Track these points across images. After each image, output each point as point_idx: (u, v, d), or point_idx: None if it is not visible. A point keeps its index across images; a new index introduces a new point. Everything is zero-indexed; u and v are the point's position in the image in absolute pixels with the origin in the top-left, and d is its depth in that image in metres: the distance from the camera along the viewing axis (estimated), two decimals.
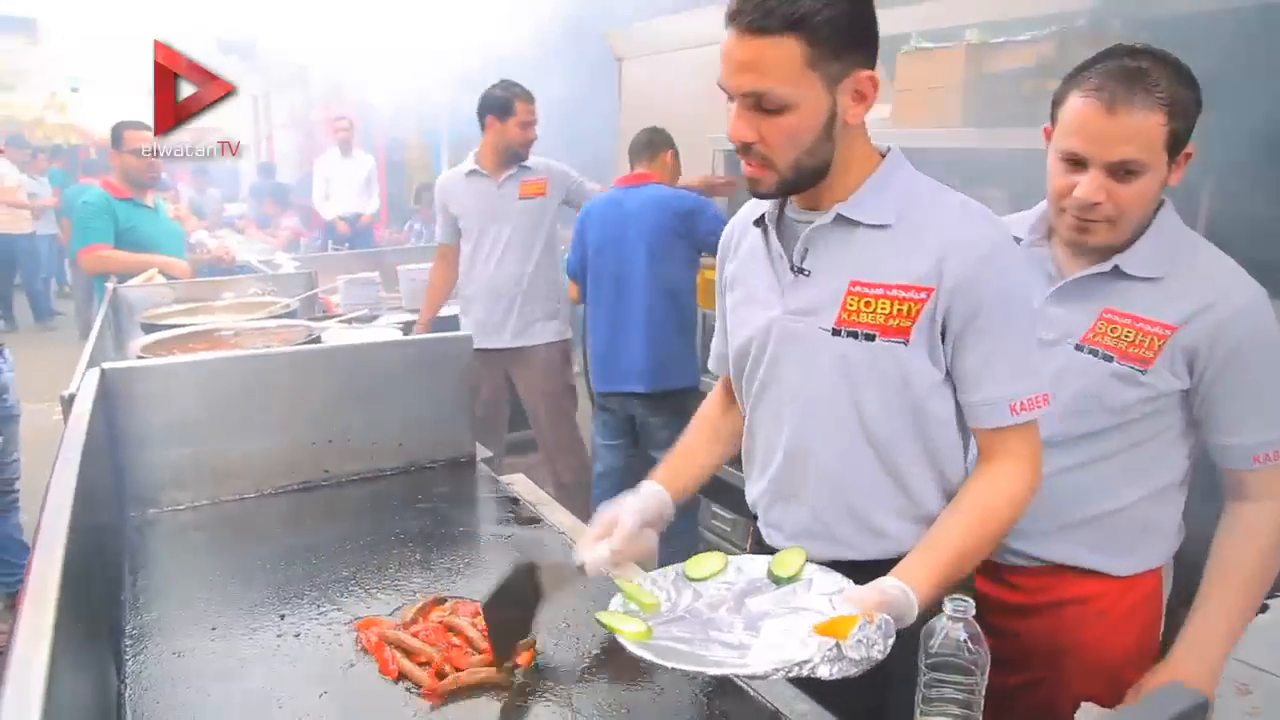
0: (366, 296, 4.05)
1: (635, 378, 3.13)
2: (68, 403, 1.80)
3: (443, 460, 1.99)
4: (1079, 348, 1.38)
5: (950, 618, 0.94)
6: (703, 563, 1.20)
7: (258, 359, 1.89)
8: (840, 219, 1.19)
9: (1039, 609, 1.45)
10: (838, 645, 0.93)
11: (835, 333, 1.19)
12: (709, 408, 1.53)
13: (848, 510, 1.25)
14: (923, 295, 1.14)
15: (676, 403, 3.23)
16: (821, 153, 1.15)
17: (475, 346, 3.36)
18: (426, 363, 1.97)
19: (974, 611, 0.95)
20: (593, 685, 1.19)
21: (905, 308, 1.15)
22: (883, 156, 1.24)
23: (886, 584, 1.05)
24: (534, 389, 3.52)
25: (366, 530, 1.67)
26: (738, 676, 0.98)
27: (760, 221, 1.29)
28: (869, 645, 0.93)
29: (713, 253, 3.21)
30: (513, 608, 1.19)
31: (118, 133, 3.73)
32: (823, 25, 1.08)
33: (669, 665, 1.00)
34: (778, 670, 0.95)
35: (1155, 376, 1.33)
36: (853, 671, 0.93)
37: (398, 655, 1.20)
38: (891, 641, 0.96)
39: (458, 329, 3.52)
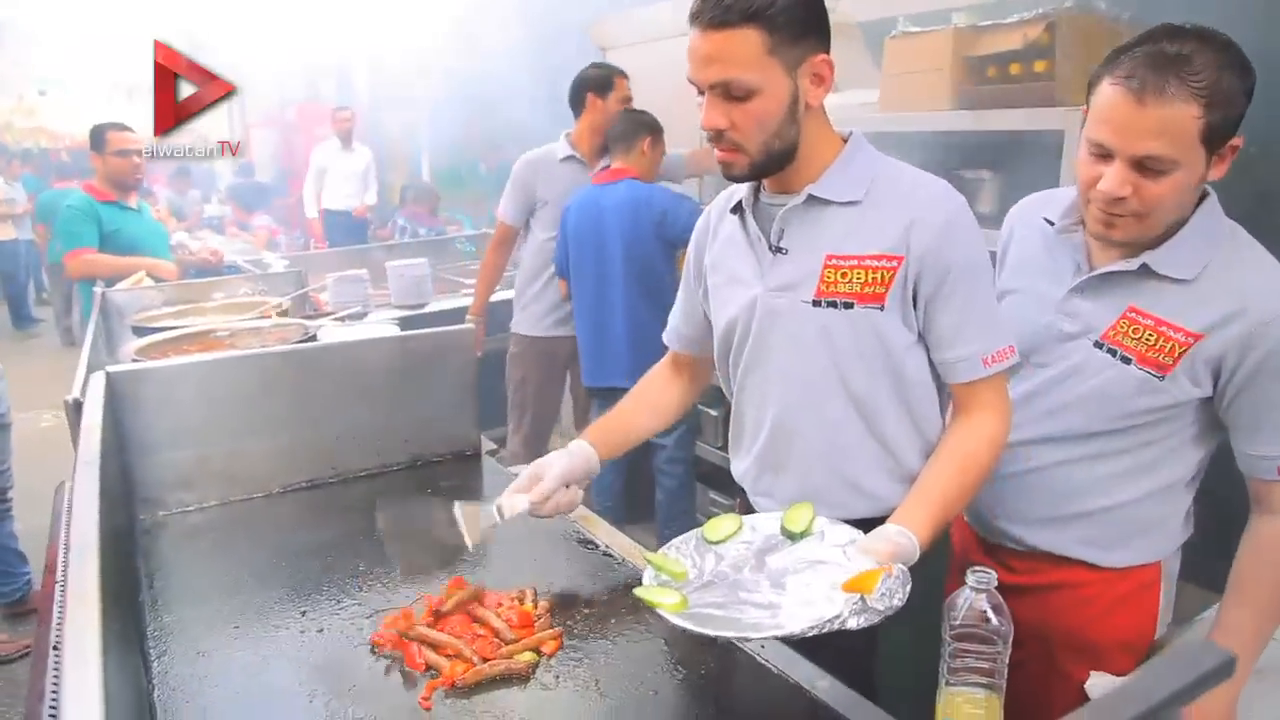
0: (356, 294, 4.04)
1: (622, 374, 3.14)
2: (72, 408, 1.80)
3: (449, 453, 2.00)
4: (1098, 344, 1.35)
5: (973, 589, 0.97)
6: (719, 525, 1.25)
7: (262, 358, 1.88)
8: (812, 199, 1.29)
9: (1028, 590, 1.46)
10: (863, 599, 0.99)
11: (815, 304, 1.27)
12: (651, 380, 1.63)
13: (837, 475, 1.33)
14: (894, 264, 1.24)
15: None
16: (788, 135, 1.24)
17: (541, 334, 3.40)
18: (430, 357, 1.97)
19: (996, 583, 0.97)
20: (618, 668, 1.20)
21: (879, 275, 1.24)
22: (844, 141, 1.33)
23: (892, 532, 1.12)
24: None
25: (378, 525, 1.67)
26: (776, 639, 1.03)
27: (738, 208, 1.38)
28: (890, 595, 0.99)
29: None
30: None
31: (98, 135, 3.69)
32: (778, 15, 1.17)
33: (711, 634, 1.04)
34: (812, 628, 0.99)
35: (1172, 384, 1.30)
36: (877, 620, 0.99)
37: (424, 649, 1.21)
38: (909, 588, 1.01)
39: (509, 314, 3.56)
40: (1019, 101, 2.31)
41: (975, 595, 0.97)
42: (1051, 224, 1.43)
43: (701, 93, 1.23)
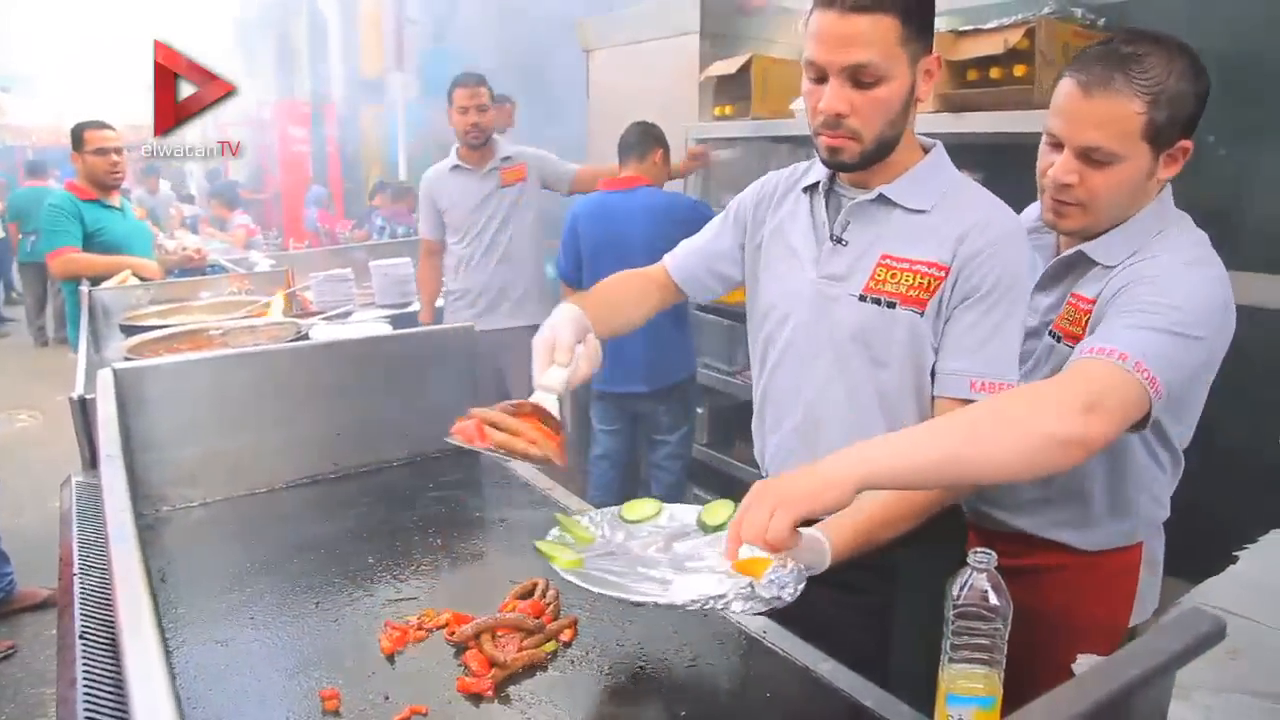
0: (340, 293, 4.04)
1: (637, 379, 3.19)
2: (78, 404, 1.82)
3: (448, 449, 2.02)
4: (1052, 334, 1.43)
5: (974, 568, 1.01)
6: (638, 507, 1.28)
7: (265, 356, 1.90)
8: (882, 198, 1.32)
9: (1015, 573, 1.49)
10: (751, 584, 1.00)
11: (861, 299, 1.31)
12: (632, 284, 1.56)
13: None
14: (941, 273, 1.27)
15: (676, 392, 3.31)
16: (899, 125, 1.28)
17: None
18: (428, 354, 2.00)
19: (995, 563, 1.02)
20: (629, 652, 1.24)
21: (926, 282, 1.28)
22: (925, 151, 1.36)
23: (806, 532, 1.09)
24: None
25: (382, 519, 1.70)
26: (657, 605, 1.02)
27: (812, 189, 1.41)
28: (780, 586, 0.99)
29: None
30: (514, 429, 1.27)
31: (77, 134, 3.67)
32: (912, 5, 1.21)
33: (595, 590, 1.05)
34: (694, 602, 1.00)
35: None
36: (762, 609, 1.00)
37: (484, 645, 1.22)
38: (803, 586, 1.01)
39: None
40: (1000, 104, 2.37)
41: (976, 575, 1.01)
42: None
43: (820, 78, 1.25)
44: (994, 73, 2.40)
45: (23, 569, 3.57)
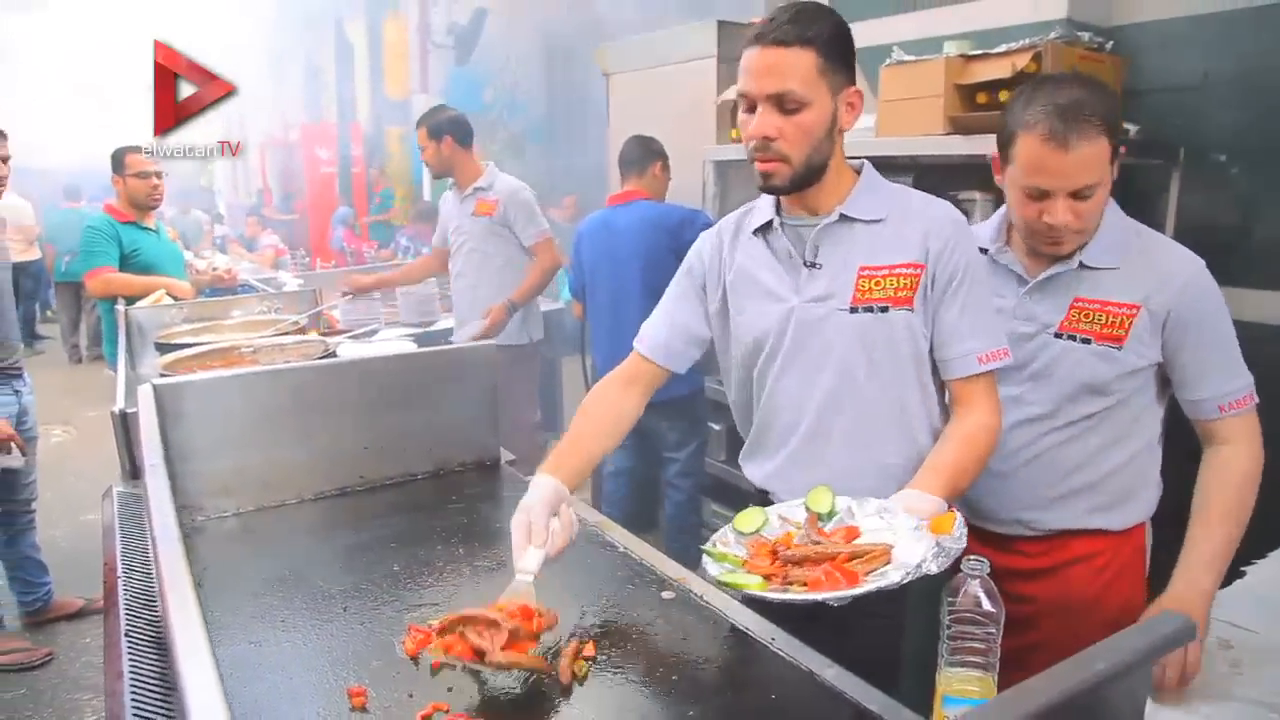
0: (368, 312, 4.15)
1: None
2: (119, 418, 1.90)
3: (470, 463, 2.10)
4: (1058, 335, 1.56)
5: (969, 575, 1.07)
6: (749, 519, 1.34)
7: (295, 373, 1.98)
8: (843, 218, 1.45)
9: (1048, 572, 1.63)
10: (939, 542, 1.11)
11: (853, 310, 1.43)
12: (603, 400, 1.60)
13: (871, 462, 1.47)
14: (917, 270, 1.43)
15: (682, 407, 3.36)
16: (824, 150, 1.42)
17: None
18: (453, 371, 2.07)
19: (989, 569, 1.07)
20: (641, 656, 1.29)
21: (907, 281, 1.41)
22: (857, 172, 1.51)
23: (916, 494, 1.28)
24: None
25: (407, 530, 1.77)
26: (878, 589, 1.08)
27: (764, 229, 1.53)
28: (961, 538, 1.12)
29: None
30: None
31: (119, 157, 3.80)
32: (829, 42, 1.37)
33: (819, 598, 1.09)
34: (906, 575, 1.08)
35: (1128, 352, 1.52)
36: (947, 564, 1.10)
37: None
38: (966, 531, 1.15)
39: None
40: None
41: (970, 581, 1.07)
42: (985, 252, 1.63)
43: (751, 109, 1.40)
44: (1003, 95, 2.45)
45: (59, 579, 3.68)
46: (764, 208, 1.54)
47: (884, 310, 1.42)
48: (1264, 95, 2.23)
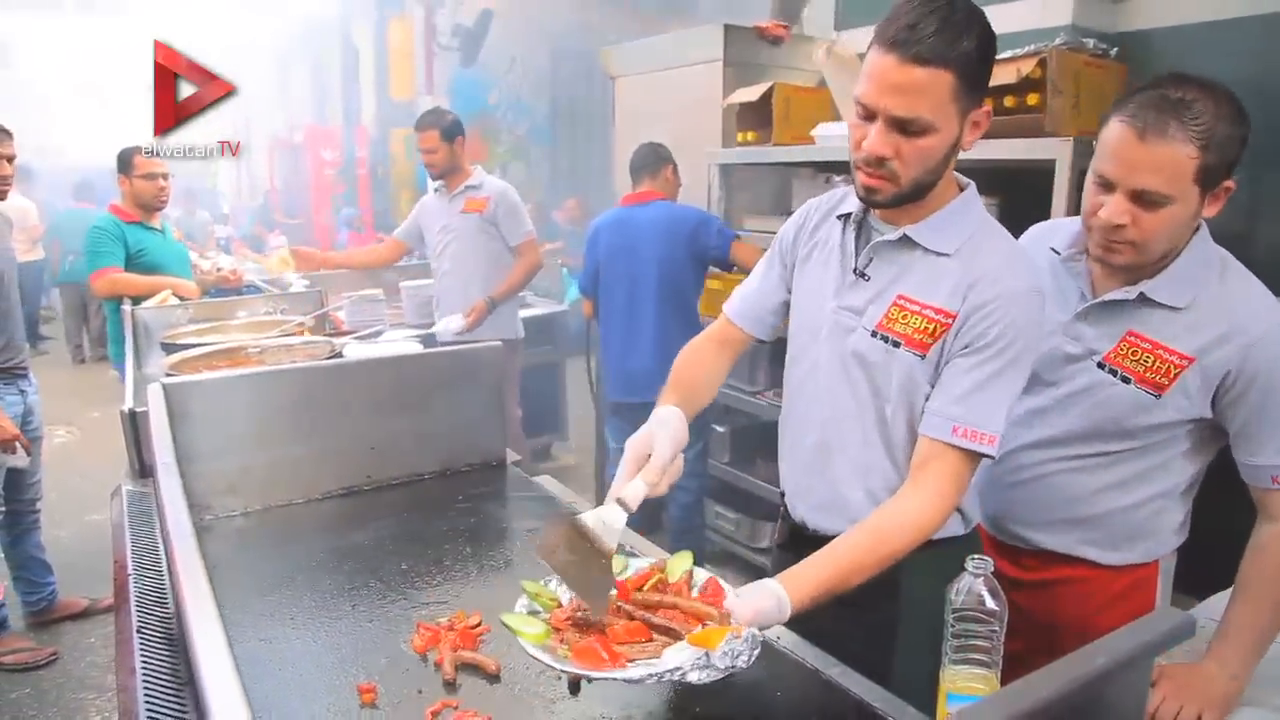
0: (372, 313, 4.15)
1: (652, 389, 3.25)
2: (128, 417, 1.92)
3: (476, 463, 2.11)
4: (1101, 365, 1.46)
5: (972, 574, 1.08)
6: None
7: (303, 373, 2.00)
8: (905, 239, 1.34)
9: (1035, 586, 1.59)
10: (707, 654, 1.02)
11: (873, 334, 1.35)
12: (703, 352, 1.57)
13: (864, 490, 1.42)
14: (949, 320, 1.30)
15: None
16: (938, 173, 1.30)
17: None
18: (459, 372, 2.09)
19: (993, 568, 1.08)
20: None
21: (933, 328, 1.31)
22: (960, 189, 1.37)
23: (765, 594, 1.12)
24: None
25: (414, 529, 1.79)
26: (613, 680, 1.02)
27: (846, 217, 1.43)
28: (734, 656, 1.01)
29: (717, 264, 3.36)
30: (581, 558, 1.17)
31: (127, 158, 3.82)
32: (971, 63, 1.20)
33: (557, 668, 1.06)
34: (650, 676, 1.01)
35: (1168, 402, 1.41)
36: (718, 678, 1.01)
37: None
38: (757, 652, 1.03)
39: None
40: (1013, 132, 2.44)
41: (974, 580, 1.08)
42: (1058, 253, 1.54)
43: (868, 117, 1.25)
44: (1008, 101, 2.47)
45: (63, 579, 3.69)
46: (854, 197, 1.41)
47: (895, 345, 1.33)
48: (1269, 102, 2.24)
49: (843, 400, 1.41)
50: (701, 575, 1.20)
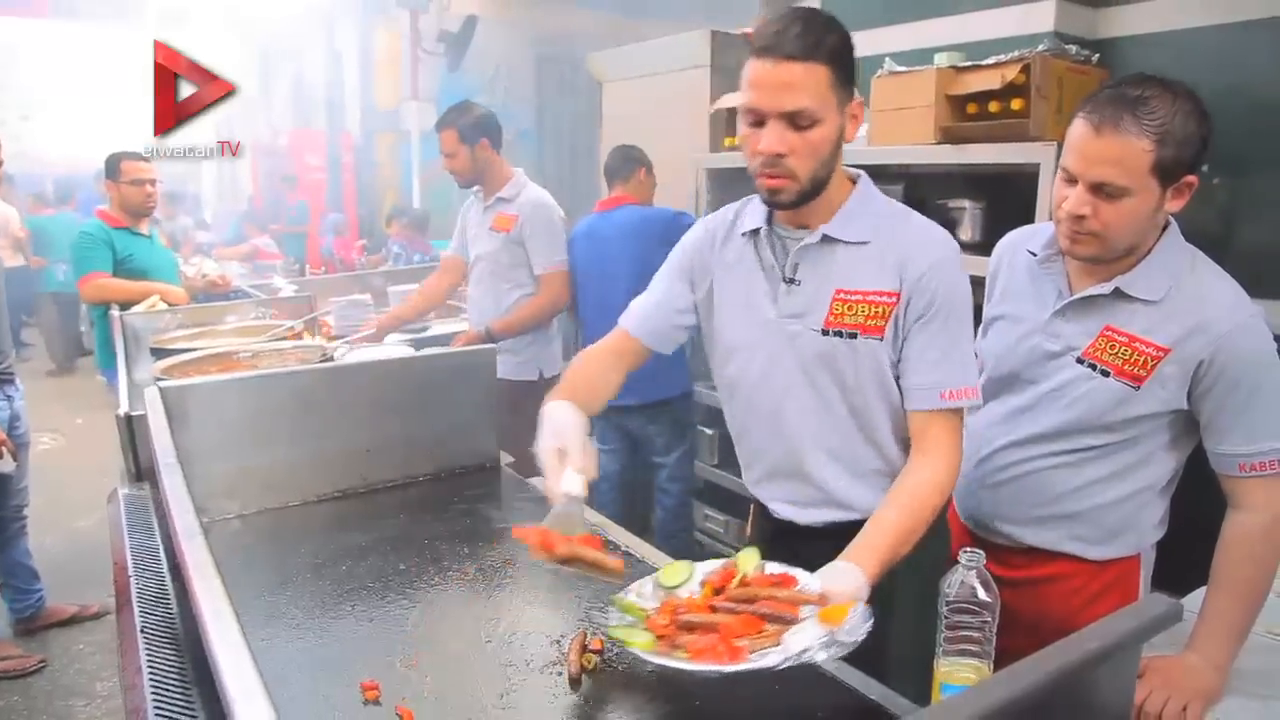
0: (360, 318, 4.16)
1: (630, 392, 3.26)
2: (124, 421, 1.92)
3: (471, 465, 2.13)
4: (1080, 360, 1.51)
5: (965, 567, 1.10)
6: (675, 572, 1.30)
7: (298, 376, 2.00)
8: (826, 239, 1.42)
9: (1021, 584, 1.61)
10: (832, 632, 1.07)
11: (824, 333, 1.42)
12: (599, 361, 1.61)
13: (845, 477, 1.48)
14: (892, 299, 1.39)
15: (670, 410, 3.39)
16: (830, 165, 1.39)
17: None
18: (454, 375, 2.11)
19: (984, 561, 1.11)
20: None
21: (880, 309, 1.39)
22: (853, 183, 1.47)
23: (846, 571, 1.19)
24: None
25: (411, 530, 1.80)
26: (753, 670, 1.06)
27: (753, 234, 1.49)
28: (856, 630, 1.07)
29: None
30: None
31: (114, 163, 3.81)
32: (840, 55, 1.32)
33: (694, 669, 1.08)
34: (785, 660, 1.05)
35: (1146, 394, 1.46)
36: (842, 654, 1.07)
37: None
38: (870, 624, 1.08)
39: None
40: (997, 137, 2.48)
41: (966, 573, 1.10)
42: (1034, 255, 1.60)
43: (758, 123, 1.34)
44: (992, 106, 2.51)
45: (50, 586, 3.67)
46: (755, 212, 1.50)
47: (853, 337, 1.40)
48: (1249, 109, 2.29)
49: (805, 406, 1.47)
50: (775, 567, 1.26)
